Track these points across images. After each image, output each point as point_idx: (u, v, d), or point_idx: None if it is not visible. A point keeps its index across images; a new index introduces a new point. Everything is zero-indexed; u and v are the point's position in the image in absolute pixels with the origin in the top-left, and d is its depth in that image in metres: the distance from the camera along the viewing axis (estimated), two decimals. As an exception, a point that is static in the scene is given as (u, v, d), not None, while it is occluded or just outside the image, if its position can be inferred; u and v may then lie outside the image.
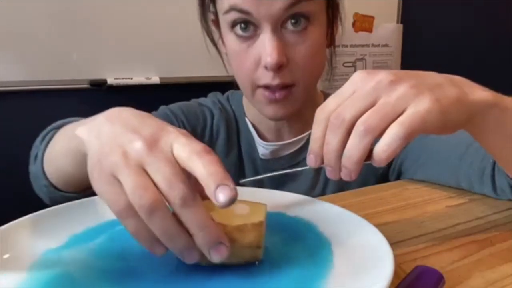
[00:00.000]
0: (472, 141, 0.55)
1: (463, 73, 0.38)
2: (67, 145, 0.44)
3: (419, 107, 0.33)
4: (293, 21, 0.58)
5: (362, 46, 1.83)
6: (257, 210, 0.37)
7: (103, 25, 1.35)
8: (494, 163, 0.54)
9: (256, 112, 0.72)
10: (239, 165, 0.74)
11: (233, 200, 0.29)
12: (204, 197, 0.31)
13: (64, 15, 1.30)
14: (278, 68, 0.58)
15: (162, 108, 0.75)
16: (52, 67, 1.31)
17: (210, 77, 1.38)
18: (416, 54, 1.96)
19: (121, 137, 0.32)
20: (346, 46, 1.80)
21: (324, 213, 0.45)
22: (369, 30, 1.84)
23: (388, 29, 1.88)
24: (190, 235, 0.30)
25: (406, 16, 1.91)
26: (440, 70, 0.39)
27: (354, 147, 0.34)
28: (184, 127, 0.72)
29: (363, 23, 1.81)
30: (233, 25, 0.60)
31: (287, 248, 0.40)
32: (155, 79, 1.44)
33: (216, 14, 0.65)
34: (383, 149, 0.33)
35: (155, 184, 0.30)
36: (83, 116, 0.41)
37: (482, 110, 0.38)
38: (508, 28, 2.17)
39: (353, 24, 1.80)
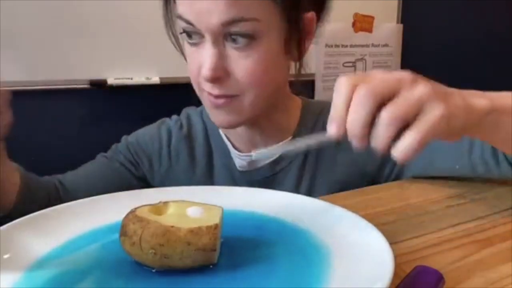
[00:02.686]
0: None
1: (463, 73, 0.38)
2: None
3: (434, 111, 0.35)
4: (233, 37, 0.56)
5: (362, 46, 1.83)
6: (213, 213, 0.37)
7: (103, 25, 1.35)
8: None
9: None
10: (208, 178, 0.73)
11: None
12: None
13: (64, 15, 1.30)
14: (215, 80, 0.57)
15: (123, 138, 0.77)
16: (52, 67, 1.31)
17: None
18: (416, 54, 1.96)
19: None
20: (346, 46, 1.80)
21: (324, 213, 0.45)
22: (369, 30, 1.84)
23: (388, 29, 1.88)
24: None
25: (406, 16, 1.91)
26: (440, 70, 0.39)
27: (380, 136, 0.35)
28: (138, 158, 0.74)
29: (363, 23, 1.81)
30: (183, 30, 0.60)
31: (284, 249, 0.40)
32: (155, 79, 1.44)
33: None
34: (401, 152, 0.35)
35: None
36: (83, 116, 0.41)
37: (483, 116, 0.40)
38: (508, 28, 2.17)
39: (353, 24, 1.80)
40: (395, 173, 0.69)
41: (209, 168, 0.74)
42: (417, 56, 1.97)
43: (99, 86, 1.37)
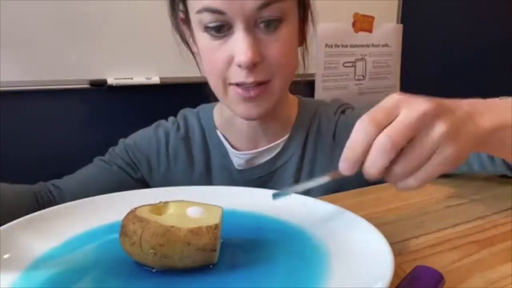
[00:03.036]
0: None
1: (463, 73, 0.38)
2: None
3: (447, 153, 0.36)
4: (264, 21, 0.58)
5: (362, 46, 1.83)
6: (213, 213, 0.37)
7: (103, 25, 1.35)
8: None
9: (228, 123, 0.73)
10: (207, 179, 0.73)
11: None
12: None
13: (64, 15, 1.29)
14: (253, 66, 0.58)
15: (121, 141, 0.77)
16: (52, 67, 1.31)
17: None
18: (416, 54, 1.96)
19: None
20: (346, 46, 1.80)
21: (324, 213, 0.45)
22: (369, 30, 1.83)
23: (388, 29, 1.88)
24: None
25: (406, 16, 1.91)
26: (440, 70, 0.39)
27: (396, 177, 0.37)
28: (137, 160, 0.74)
29: (363, 23, 1.81)
30: (205, 27, 0.59)
31: (284, 249, 0.40)
32: (155, 79, 1.44)
33: (185, 12, 0.65)
34: (406, 189, 0.38)
35: None
36: (83, 116, 0.41)
37: (490, 137, 0.40)
38: (508, 28, 2.17)
39: (353, 24, 1.79)
40: None
41: (207, 168, 0.74)
42: (417, 56, 1.96)
43: (99, 86, 1.37)
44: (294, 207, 0.47)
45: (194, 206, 0.38)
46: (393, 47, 1.91)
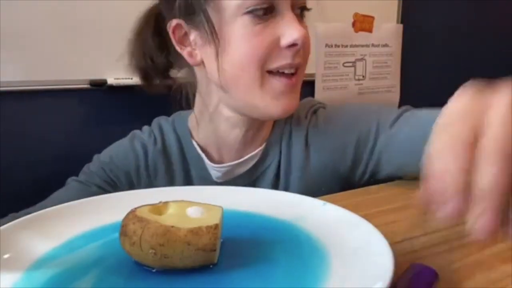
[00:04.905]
0: None
1: (463, 73, 0.38)
2: None
3: None
4: (301, 8, 0.62)
5: (362, 46, 1.83)
6: (213, 213, 0.37)
7: (103, 25, 1.35)
8: None
9: (206, 134, 0.70)
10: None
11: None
12: None
13: (64, 15, 1.29)
14: (304, 43, 0.60)
15: (95, 158, 0.73)
16: (52, 67, 1.31)
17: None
18: (416, 54, 1.96)
19: None
20: (346, 46, 1.79)
21: (324, 213, 0.45)
22: (369, 30, 1.83)
23: (388, 29, 1.88)
24: None
25: (406, 16, 1.91)
26: (439, 70, 0.39)
27: None
28: (115, 177, 0.70)
29: (363, 23, 1.81)
30: (248, 11, 0.57)
31: (284, 249, 0.40)
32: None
33: (205, 16, 0.61)
34: None
35: None
36: (83, 116, 0.41)
37: None
38: (508, 28, 2.17)
39: (353, 24, 1.79)
40: (369, 173, 0.68)
41: (187, 180, 0.71)
42: (417, 56, 1.96)
43: (99, 86, 1.37)
44: (294, 207, 0.47)
45: (194, 206, 0.38)
46: (393, 47, 1.91)
